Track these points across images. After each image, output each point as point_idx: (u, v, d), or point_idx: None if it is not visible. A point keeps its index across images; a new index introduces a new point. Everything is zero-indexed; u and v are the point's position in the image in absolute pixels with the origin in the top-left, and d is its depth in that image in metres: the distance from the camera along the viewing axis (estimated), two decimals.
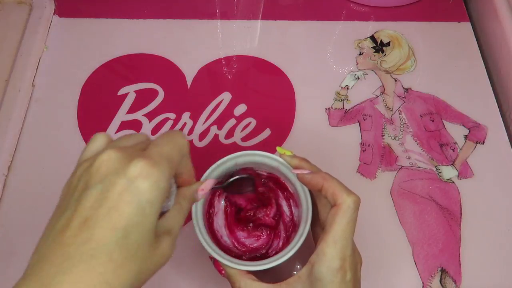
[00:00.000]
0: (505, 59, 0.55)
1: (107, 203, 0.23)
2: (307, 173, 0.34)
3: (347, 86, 0.55)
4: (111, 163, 0.24)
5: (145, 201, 0.24)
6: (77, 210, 0.23)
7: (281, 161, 0.37)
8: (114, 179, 0.24)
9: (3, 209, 0.46)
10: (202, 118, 0.52)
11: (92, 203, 0.23)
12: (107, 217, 0.23)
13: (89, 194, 0.24)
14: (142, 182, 0.24)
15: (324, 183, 0.32)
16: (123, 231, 0.23)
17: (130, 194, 0.23)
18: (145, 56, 0.57)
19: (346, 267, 0.31)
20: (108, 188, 0.24)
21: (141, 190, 0.24)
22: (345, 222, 0.31)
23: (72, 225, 0.23)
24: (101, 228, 0.23)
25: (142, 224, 0.24)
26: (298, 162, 0.36)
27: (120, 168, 0.24)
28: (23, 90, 0.53)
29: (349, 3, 0.62)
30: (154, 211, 0.24)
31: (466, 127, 0.52)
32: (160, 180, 0.24)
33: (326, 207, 0.33)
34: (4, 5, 0.60)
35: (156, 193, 0.24)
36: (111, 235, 0.23)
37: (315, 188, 0.34)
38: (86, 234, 0.23)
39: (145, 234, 0.24)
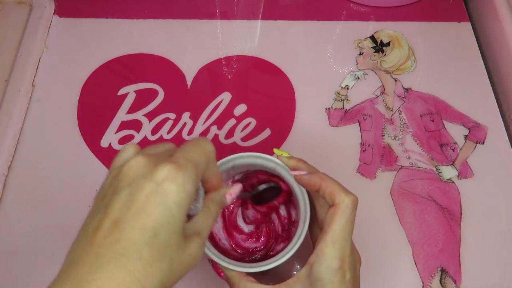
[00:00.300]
0: (505, 59, 0.55)
1: (136, 205, 0.24)
2: (304, 174, 0.34)
3: (347, 86, 0.55)
4: (139, 168, 0.26)
5: (172, 202, 0.25)
6: (108, 213, 0.24)
7: (279, 162, 0.36)
8: (141, 182, 0.25)
9: (3, 209, 0.46)
10: (202, 118, 0.52)
11: (121, 206, 0.24)
12: (136, 218, 0.24)
13: (118, 198, 0.25)
14: (169, 185, 0.25)
15: (322, 183, 0.33)
16: (152, 231, 0.24)
17: (158, 196, 0.24)
18: (145, 56, 0.57)
19: (345, 267, 0.31)
20: (136, 191, 0.25)
21: (168, 192, 0.25)
22: (344, 221, 0.31)
23: (103, 227, 0.24)
24: (131, 228, 0.24)
25: (170, 225, 0.25)
26: (296, 163, 0.36)
27: (147, 172, 0.25)
28: (23, 90, 0.53)
29: (349, 3, 0.62)
30: (181, 212, 0.25)
31: (466, 127, 0.52)
32: (186, 182, 0.25)
33: (324, 207, 0.33)
34: (4, 5, 0.60)
35: (183, 195, 0.25)
36: (140, 235, 0.24)
37: (313, 188, 0.34)
38: (116, 234, 0.24)
39: (173, 235, 0.25)
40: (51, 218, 0.46)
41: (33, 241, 0.44)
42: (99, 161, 0.49)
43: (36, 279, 0.42)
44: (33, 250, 0.44)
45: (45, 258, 0.43)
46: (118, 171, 0.27)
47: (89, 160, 0.49)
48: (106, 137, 0.51)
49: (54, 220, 0.45)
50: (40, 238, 0.44)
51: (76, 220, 0.45)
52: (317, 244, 0.31)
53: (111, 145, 0.50)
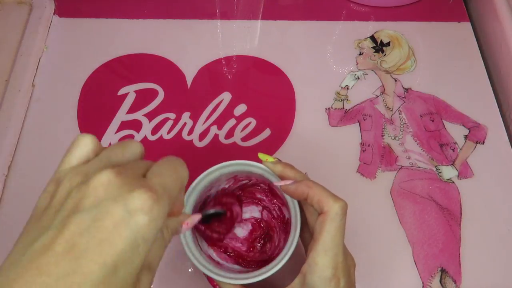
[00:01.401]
0: (505, 59, 0.55)
1: (100, 233, 0.21)
2: (290, 184, 0.33)
3: (347, 86, 0.55)
4: (111, 188, 0.22)
5: (140, 238, 0.22)
6: (63, 233, 0.21)
7: (265, 168, 0.36)
8: (111, 207, 0.21)
9: (3, 209, 0.46)
10: (202, 118, 0.52)
11: (82, 230, 0.21)
12: (97, 249, 0.21)
13: (79, 218, 0.21)
14: (143, 218, 0.22)
15: (309, 191, 0.32)
16: (112, 267, 0.21)
17: (127, 228, 0.21)
18: (145, 56, 0.57)
19: (339, 275, 0.30)
20: (103, 216, 0.21)
21: (139, 225, 0.22)
22: (334, 229, 0.30)
23: (55, 249, 0.20)
24: (89, 261, 0.20)
25: (132, 262, 0.22)
26: (282, 168, 0.34)
27: (119, 196, 0.22)
28: (23, 90, 0.53)
29: (349, 3, 0.62)
30: (146, 249, 0.22)
31: (466, 127, 0.52)
32: (159, 217, 0.22)
33: (314, 215, 0.32)
34: (4, 5, 0.60)
35: (153, 231, 0.22)
36: (99, 270, 0.20)
37: (300, 197, 0.33)
38: (71, 265, 0.20)
39: (132, 272, 0.22)
40: None
41: None
42: None
43: None
44: None
45: None
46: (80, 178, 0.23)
47: None
48: (106, 137, 0.51)
49: None
50: None
51: None
52: (309, 253, 0.31)
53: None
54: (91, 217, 0.21)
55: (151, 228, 0.22)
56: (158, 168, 0.25)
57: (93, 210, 0.21)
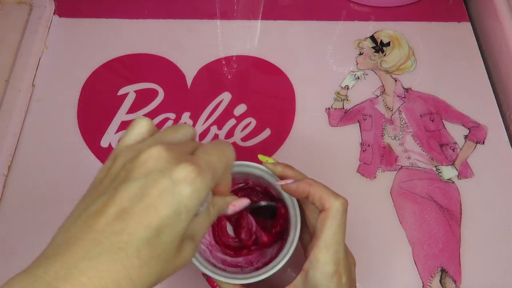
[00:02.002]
0: (505, 59, 0.55)
1: (147, 199, 0.23)
2: (291, 183, 0.34)
3: (347, 86, 0.55)
4: (159, 161, 0.24)
5: (183, 205, 0.24)
6: (115, 198, 0.23)
7: (265, 169, 0.36)
8: (158, 177, 0.23)
9: (3, 209, 0.46)
10: (202, 118, 0.52)
11: (131, 195, 0.23)
12: (143, 213, 0.23)
13: (129, 186, 0.23)
14: (185, 188, 0.24)
15: (310, 189, 0.32)
16: (156, 230, 0.23)
17: (171, 196, 0.23)
18: (145, 56, 0.57)
19: (341, 271, 0.30)
20: (150, 185, 0.23)
21: (182, 194, 0.23)
22: (335, 226, 0.31)
23: (107, 212, 0.23)
24: (136, 223, 0.22)
25: (174, 227, 0.24)
26: (282, 168, 0.35)
27: (166, 168, 0.24)
28: (23, 90, 0.53)
29: (349, 3, 0.62)
30: (188, 217, 0.24)
31: (466, 127, 0.52)
32: (202, 189, 0.24)
33: (314, 213, 0.33)
34: (4, 5, 0.60)
35: (195, 201, 0.24)
36: (144, 232, 0.22)
37: (301, 195, 0.33)
38: (120, 225, 0.22)
39: (174, 238, 0.24)
40: (51, 218, 0.45)
41: (33, 241, 0.44)
42: (99, 161, 0.49)
43: None
44: (33, 250, 0.44)
45: None
46: (134, 154, 0.25)
47: (89, 160, 0.49)
48: (106, 137, 0.51)
49: (54, 220, 0.45)
50: (40, 238, 0.44)
51: None
52: (310, 250, 0.31)
53: (111, 145, 0.50)
54: (140, 185, 0.23)
55: (193, 198, 0.24)
56: (206, 147, 0.27)
57: (142, 179, 0.24)
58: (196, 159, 0.25)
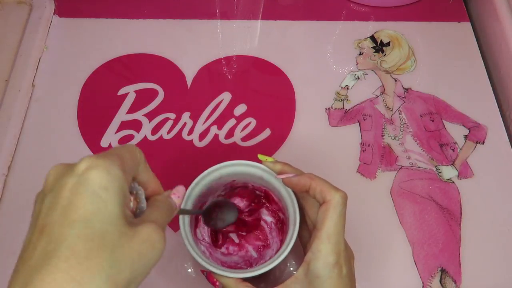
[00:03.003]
0: (505, 59, 0.55)
1: (61, 203, 0.23)
2: (292, 176, 0.35)
3: (347, 86, 0.55)
4: (58, 171, 0.25)
5: (97, 187, 0.23)
6: (36, 226, 0.23)
7: (265, 168, 0.37)
8: (63, 181, 0.23)
9: (3, 209, 0.46)
10: (202, 118, 0.52)
11: (47, 211, 0.23)
12: (63, 216, 0.22)
13: (43, 206, 0.23)
14: (92, 172, 0.23)
15: (311, 183, 0.33)
16: (82, 222, 0.22)
17: (81, 186, 0.23)
18: (145, 56, 0.57)
19: (341, 262, 0.31)
20: (59, 190, 0.23)
21: (91, 179, 0.23)
22: (336, 217, 0.31)
23: (32, 239, 0.22)
24: (59, 227, 0.22)
25: (102, 211, 0.23)
26: (281, 166, 0.36)
27: (67, 170, 0.24)
28: (23, 90, 0.53)
29: (349, 3, 0.62)
30: (111, 196, 0.23)
31: (466, 127, 0.52)
32: (109, 167, 0.24)
33: (314, 207, 0.34)
34: (4, 5, 0.60)
35: (108, 178, 0.23)
36: (69, 229, 0.22)
37: (302, 189, 0.34)
38: (45, 239, 0.22)
39: (110, 221, 0.23)
40: None
41: None
42: None
43: None
44: None
45: None
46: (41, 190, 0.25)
47: None
48: (106, 137, 0.51)
49: None
50: None
51: None
52: (311, 241, 0.32)
53: (111, 145, 0.50)
54: (51, 197, 0.23)
55: (105, 176, 0.23)
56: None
57: (51, 193, 0.24)
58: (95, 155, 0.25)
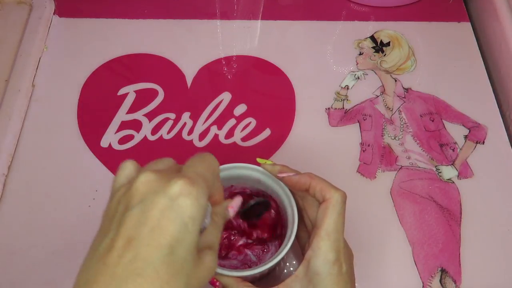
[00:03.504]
0: (505, 59, 0.55)
1: (150, 221, 0.24)
2: (293, 175, 0.35)
3: (347, 86, 0.55)
4: (150, 184, 0.25)
5: (187, 217, 0.24)
6: (120, 231, 0.24)
7: (263, 171, 0.37)
8: (155, 198, 0.24)
9: (3, 209, 0.46)
10: (202, 118, 0.52)
11: (134, 223, 0.24)
12: (151, 235, 0.23)
13: (130, 215, 0.24)
14: (184, 200, 0.24)
15: (311, 181, 0.34)
16: (168, 248, 0.23)
17: (173, 212, 0.24)
18: (145, 56, 0.57)
19: (341, 259, 0.32)
20: (149, 207, 0.24)
21: (183, 207, 0.24)
22: (336, 215, 0.32)
23: (116, 245, 0.23)
24: (146, 246, 0.23)
25: (185, 240, 0.24)
26: (280, 168, 0.37)
27: (159, 187, 0.25)
28: (23, 90, 0.53)
29: (349, 3, 0.62)
30: (196, 227, 0.25)
31: (466, 127, 0.52)
32: (199, 197, 0.25)
33: (314, 207, 0.34)
34: (4, 5, 0.60)
35: (197, 210, 0.25)
36: (156, 253, 0.23)
37: (302, 188, 0.35)
38: (131, 253, 0.23)
39: (189, 250, 0.24)
40: (51, 218, 0.46)
41: (33, 241, 0.44)
42: (99, 161, 0.49)
43: (36, 279, 0.42)
44: (33, 250, 0.44)
45: (45, 258, 0.43)
46: (126, 188, 0.26)
47: (89, 160, 0.49)
48: (106, 137, 0.51)
49: (54, 220, 0.45)
50: (40, 238, 0.44)
51: (76, 220, 0.45)
52: (311, 239, 0.32)
53: (111, 145, 0.50)
54: (139, 211, 0.24)
55: (195, 206, 0.25)
56: (189, 162, 0.29)
57: (140, 205, 0.24)
58: (185, 173, 0.26)
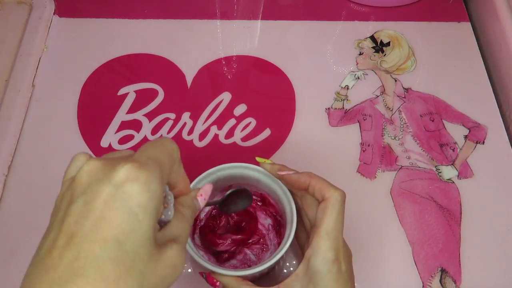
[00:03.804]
0: (505, 59, 0.55)
1: (93, 214, 0.21)
2: (293, 173, 0.35)
3: (347, 86, 0.55)
4: (94, 172, 0.22)
5: (136, 205, 0.21)
6: (62, 229, 0.21)
7: (262, 170, 0.37)
8: (98, 187, 0.22)
9: (3, 209, 0.46)
10: (202, 118, 0.52)
11: (77, 218, 0.21)
12: (94, 229, 0.21)
13: (72, 209, 0.22)
14: (131, 186, 0.21)
15: (311, 180, 0.34)
16: (115, 242, 0.20)
17: (118, 200, 0.21)
18: (145, 56, 0.57)
19: (341, 258, 0.32)
20: (92, 198, 0.21)
21: (130, 194, 0.21)
22: (335, 214, 0.32)
23: (57, 245, 0.21)
24: (89, 242, 0.20)
25: (136, 232, 0.21)
26: (279, 167, 0.37)
27: (103, 175, 0.22)
28: (23, 90, 0.53)
29: (349, 3, 0.62)
30: (148, 216, 0.22)
31: (466, 127, 0.52)
32: (150, 181, 0.22)
33: (313, 206, 0.34)
34: (4, 5, 0.60)
35: (148, 196, 0.22)
36: (100, 249, 0.20)
37: (301, 186, 0.34)
38: (72, 252, 0.20)
39: (142, 243, 0.21)
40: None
41: (33, 241, 0.44)
42: None
43: None
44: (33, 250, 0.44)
45: None
46: (71, 180, 0.23)
47: None
48: (106, 137, 0.51)
49: None
50: (40, 238, 0.44)
51: None
52: (311, 238, 0.32)
53: (111, 145, 0.50)
54: (82, 203, 0.22)
55: (144, 192, 0.22)
56: (142, 147, 0.25)
57: (82, 197, 0.22)
58: (134, 158, 0.23)
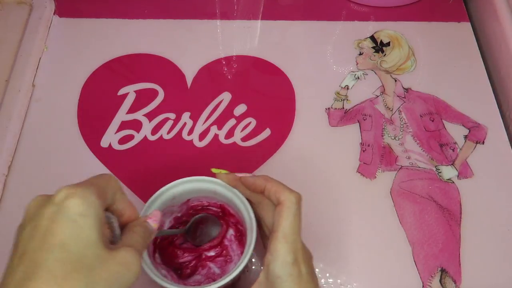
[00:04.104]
0: (505, 59, 0.55)
1: (40, 231, 0.24)
2: (249, 176, 0.35)
3: (347, 86, 0.55)
4: (38, 202, 0.26)
5: (75, 214, 0.25)
6: (16, 253, 0.24)
7: (217, 181, 0.37)
8: (42, 210, 0.25)
9: (3, 209, 0.46)
10: (202, 118, 0.52)
11: (26, 239, 0.25)
12: (42, 241, 0.24)
13: (23, 234, 0.25)
14: (70, 201, 0.25)
15: (266, 184, 0.34)
16: (60, 246, 0.24)
17: (60, 214, 0.25)
18: (145, 56, 0.57)
19: (300, 261, 0.31)
20: (38, 220, 0.25)
21: (70, 207, 0.25)
22: (292, 216, 0.32)
23: (13, 266, 0.24)
24: (38, 252, 0.24)
25: (79, 236, 0.24)
26: (234, 177, 0.37)
27: (46, 201, 0.26)
28: (23, 90, 0.53)
29: (349, 3, 0.62)
30: (88, 221, 0.25)
31: (466, 127, 0.52)
32: (86, 196, 0.26)
33: (269, 211, 0.34)
34: (4, 5, 0.60)
35: (86, 206, 0.25)
36: (47, 254, 0.23)
37: (257, 189, 0.35)
38: (24, 265, 0.23)
39: (87, 245, 0.25)
40: None
41: None
42: (99, 161, 0.49)
43: None
44: None
45: None
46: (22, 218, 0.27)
47: (89, 160, 0.49)
48: (106, 137, 0.51)
49: None
50: None
51: None
52: (269, 244, 0.32)
53: (111, 145, 0.50)
54: (31, 227, 0.25)
55: (82, 203, 0.25)
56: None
57: (30, 222, 0.25)
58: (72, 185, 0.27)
